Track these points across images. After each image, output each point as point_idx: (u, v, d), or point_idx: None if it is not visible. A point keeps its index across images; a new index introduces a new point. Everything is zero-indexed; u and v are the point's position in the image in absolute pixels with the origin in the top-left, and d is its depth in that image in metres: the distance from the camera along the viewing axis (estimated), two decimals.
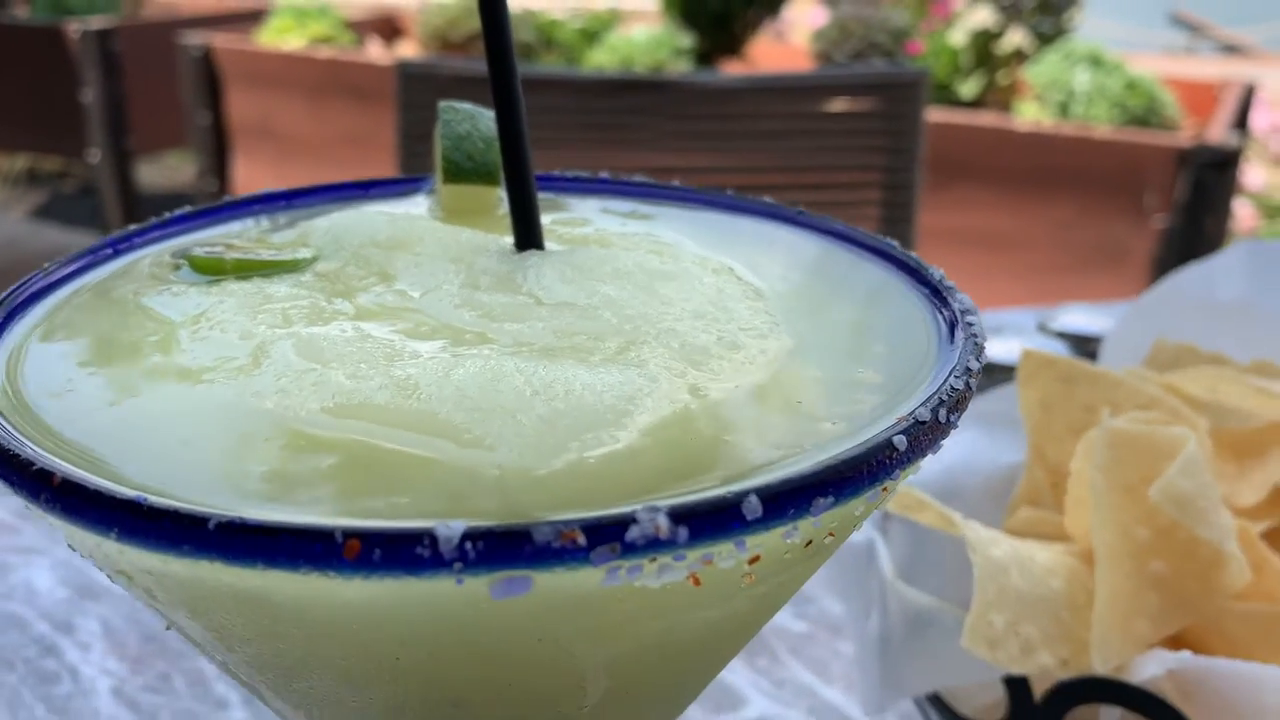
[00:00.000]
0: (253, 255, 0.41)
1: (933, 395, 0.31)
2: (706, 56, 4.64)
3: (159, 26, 5.09)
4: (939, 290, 0.39)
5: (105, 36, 4.78)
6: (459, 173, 0.47)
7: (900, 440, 0.29)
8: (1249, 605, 0.58)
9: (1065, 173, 3.46)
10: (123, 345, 0.35)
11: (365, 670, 0.30)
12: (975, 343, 0.35)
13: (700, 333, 0.35)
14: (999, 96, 4.17)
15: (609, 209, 0.49)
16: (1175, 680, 0.54)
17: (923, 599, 0.61)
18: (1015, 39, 4.20)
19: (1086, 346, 0.92)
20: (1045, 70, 3.89)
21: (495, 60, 0.38)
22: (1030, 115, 3.88)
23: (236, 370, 0.33)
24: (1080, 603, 0.58)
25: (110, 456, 0.29)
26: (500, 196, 0.46)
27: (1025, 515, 0.68)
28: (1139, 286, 3.06)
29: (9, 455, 0.28)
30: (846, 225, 0.46)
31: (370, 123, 4.28)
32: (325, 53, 4.51)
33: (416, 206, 0.49)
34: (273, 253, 0.42)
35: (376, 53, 4.78)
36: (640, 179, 0.52)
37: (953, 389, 0.32)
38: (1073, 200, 3.45)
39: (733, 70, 4.42)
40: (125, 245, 0.44)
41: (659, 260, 0.40)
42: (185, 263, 0.41)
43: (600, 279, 0.38)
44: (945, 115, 3.68)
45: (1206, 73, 4.66)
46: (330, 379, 0.32)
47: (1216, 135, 3.45)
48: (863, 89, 2.00)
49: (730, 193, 0.50)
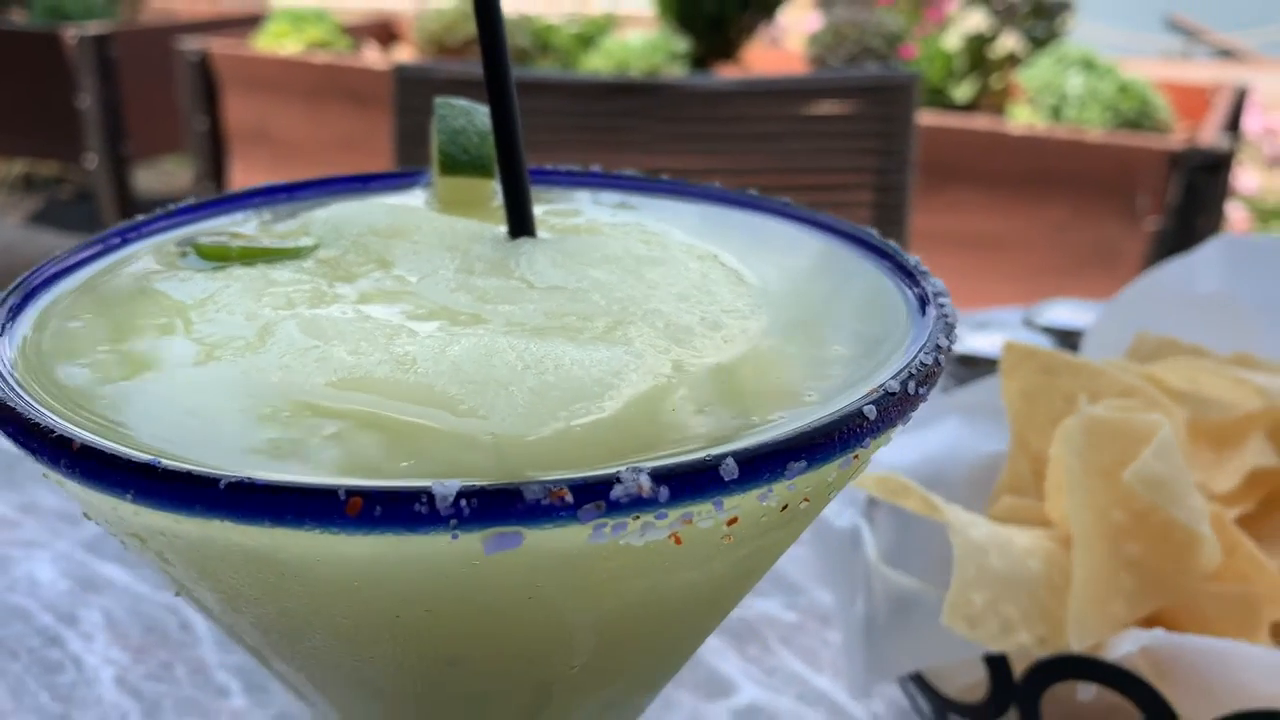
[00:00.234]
0: (256, 243, 0.43)
1: (903, 369, 0.33)
2: (701, 61, 4.66)
3: (156, 32, 5.11)
4: (913, 274, 0.41)
5: (102, 42, 4.80)
6: (454, 165, 0.49)
7: (870, 410, 0.31)
8: (1222, 586, 0.60)
9: (1058, 175, 3.48)
10: (133, 325, 0.37)
11: (366, 629, 0.31)
12: (946, 322, 0.36)
13: (684, 313, 0.37)
14: (993, 100, 4.20)
15: (599, 200, 0.51)
16: (1149, 657, 0.56)
17: (906, 581, 0.62)
18: (1009, 43, 4.23)
19: (1070, 341, 0.94)
20: (1038, 74, 3.91)
21: (489, 50, 0.40)
22: (1023, 118, 3.90)
23: (243, 348, 0.35)
24: (1058, 584, 0.59)
25: (123, 426, 0.31)
26: (494, 189, 0.48)
27: (1008, 503, 0.69)
28: None
29: (31, 424, 0.30)
30: (828, 216, 0.48)
31: (367, 127, 4.30)
32: (322, 58, 4.53)
33: (414, 199, 0.51)
34: (276, 241, 0.43)
35: (373, 58, 4.80)
36: (630, 173, 0.53)
37: (922, 364, 0.33)
38: (1066, 203, 3.48)
39: (727, 74, 4.43)
40: (133, 234, 0.45)
41: (646, 247, 0.42)
42: (191, 250, 0.43)
43: (589, 264, 0.40)
44: (939, 119, 3.71)
45: (1201, 77, 4.68)
46: (333, 355, 0.33)
47: (1208, 138, 3.48)
48: (855, 92, 2.02)
49: (717, 185, 0.52)
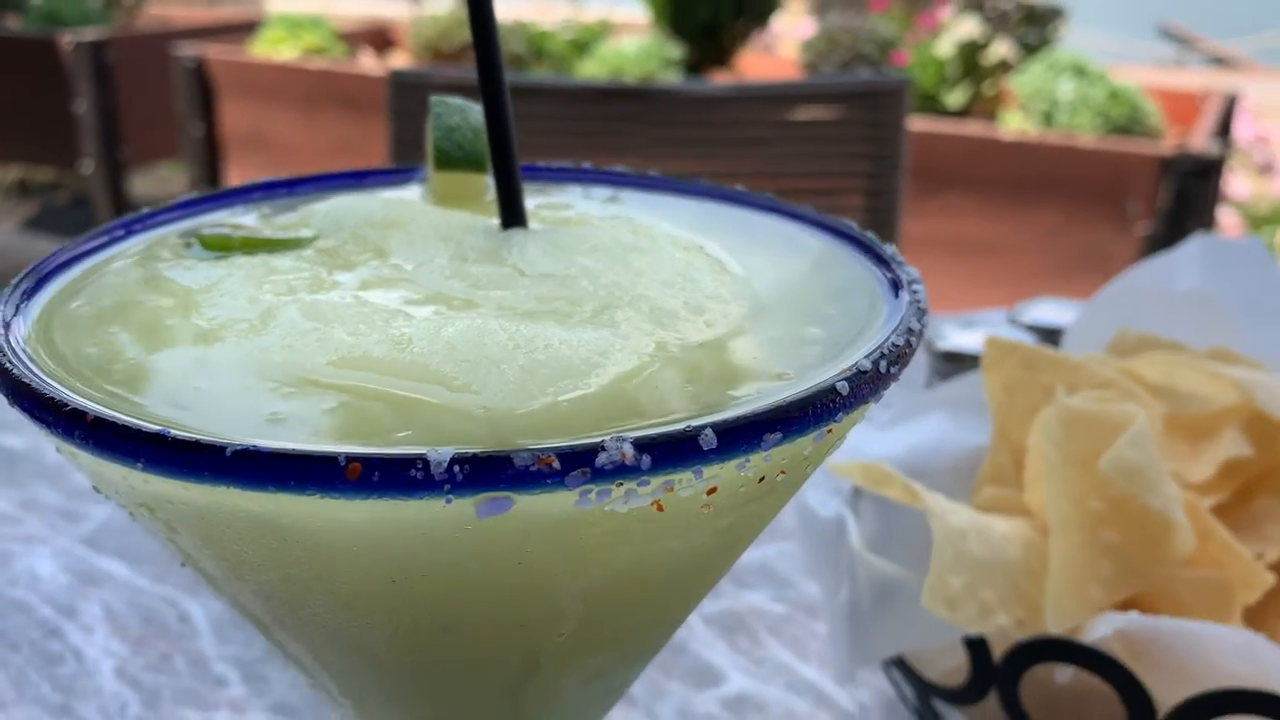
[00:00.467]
0: (258, 234, 0.45)
1: (875, 349, 0.35)
2: (695, 68, 4.69)
3: (152, 38, 5.13)
4: (889, 262, 0.42)
5: (98, 48, 4.81)
6: (449, 161, 0.50)
7: (843, 385, 0.32)
8: (1196, 572, 0.61)
9: (1050, 181, 3.51)
10: (139, 308, 0.39)
11: (364, 594, 0.33)
12: (918, 306, 0.38)
13: (668, 299, 0.39)
14: (985, 106, 4.22)
15: (590, 195, 0.53)
16: (1124, 639, 0.58)
17: (889, 568, 0.64)
18: (1001, 50, 4.26)
19: (1052, 338, 0.96)
20: (1030, 80, 3.94)
21: (481, 42, 0.41)
22: (1015, 124, 3.93)
23: (247, 330, 0.36)
24: (1036, 569, 0.61)
25: (133, 400, 0.33)
26: (487, 184, 0.50)
27: (989, 493, 0.71)
28: None
29: (46, 399, 0.31)
30: (810, 210, 0.49)
31: (362, 133, 4.32)
32: (318, 64, 4.55)
33: (409, 194, 0.53)
34: (276, 232, 0.45)
35: (369, 64, 4.82)
36: (620, 169, 0.55)
37: (894, 345, 0.35)
38: (1057, 208, 3.50)
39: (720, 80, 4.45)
40: (138, 226, 0.47)
41: (633, 237, 0.44)
42: (195, 241, 0.44)
43: (579, 253, 0.42)
44: (932, 125, 3.73)
45: (1192, 84, 4.71)
46: (332, 335, 0.35)
47: (1199, 144, 3.50)
48: (847, 97, 2.04)
49: (703, 181, 0.54)
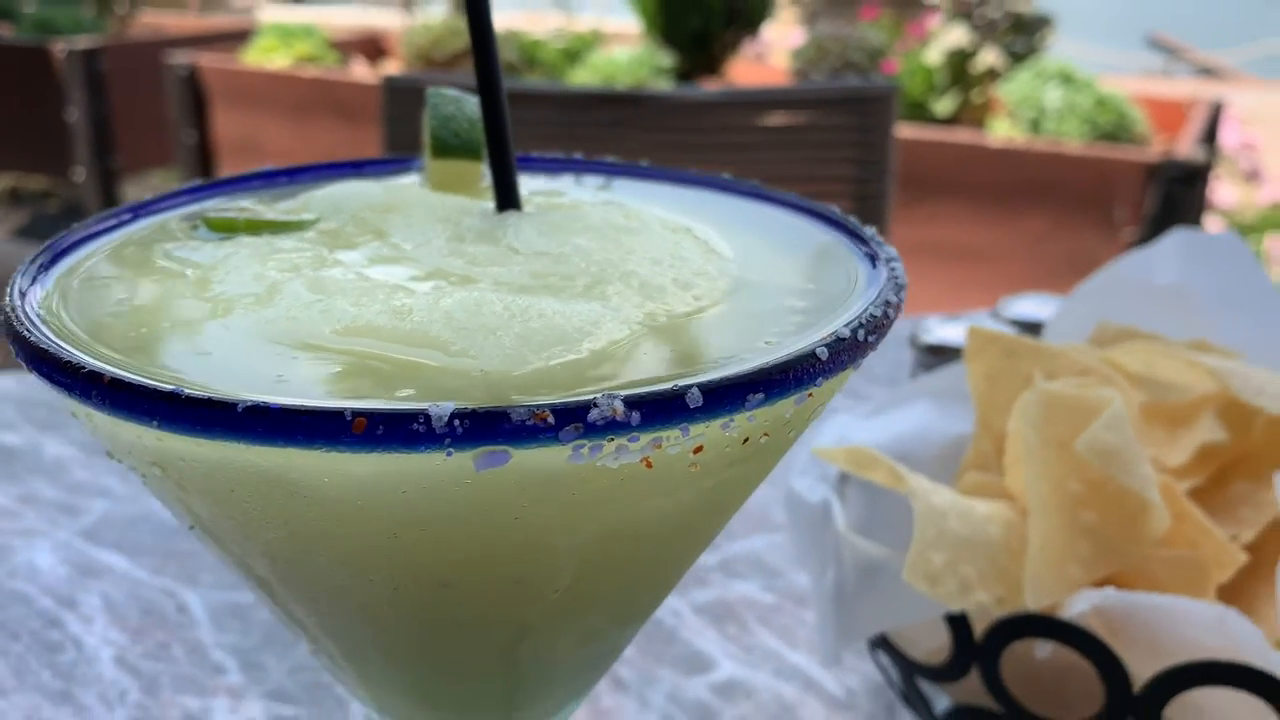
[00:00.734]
0: (261, 216, 0.46)
1: (854, 319, 0.36)
2: (686, 76, 4.72)
3: (145, 46, 5.15)
4: (868, 242, 0.44)
5: (91, 56, 4.83)
6: (445, 149, 0.52)
7: (823, 351, 0.34)
8: (1171, 551, 0.63)
9: (1037, 187, 3.54)
10: (149, 281, 0.40)
11: (366, 549, 0.34)
12: (896, 281, 0.40)
13: (658, 275, 0.41)
14: (973, 114, 4.26)
15: (582, 183, 0.55)
16: (1101, 615, 0.59)
17: (874, 549, 0.66)
18: (989, 58, 4.29)
19: (1034, 331, 0.98)
20: (1018, 88, 3.98)
21: (476, 34, 0.43)
22: (1003, 132, 3.96)
23: (253, 303, 0.38)
24: (1015, 548, 0.63)
25: (145, 365, 0.34)
26: (483, 172, 0.52)
27: (972, 479, 0.73)
28: None
29: (64, 362, 0.33)
30: (793, 195, 0.51)
31: (354, 140, 4.34)
32: (310, 72, 4.57)
33: (407, 181, 0.54)
34: (279, 215, 0.47)
35: (361, 72, 4.84)
36: (611, 159, 0.57)
37: (872, 316, 0.37)
38: (1044, 214, 3.53)
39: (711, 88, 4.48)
40: (144, 211, 0.48)
41: (625, 219, 0.46)
42: (200, 223, 0.46)
43: (572, 233, 0.43)
44: (920, 132, 3.77)
45: (1179, 93, 4.75)
46: (335, 306, 0.37)
47: (1185, 150, 3.54)
48: (835, 103, 2.06)
49: (692, 170, 0.56)
